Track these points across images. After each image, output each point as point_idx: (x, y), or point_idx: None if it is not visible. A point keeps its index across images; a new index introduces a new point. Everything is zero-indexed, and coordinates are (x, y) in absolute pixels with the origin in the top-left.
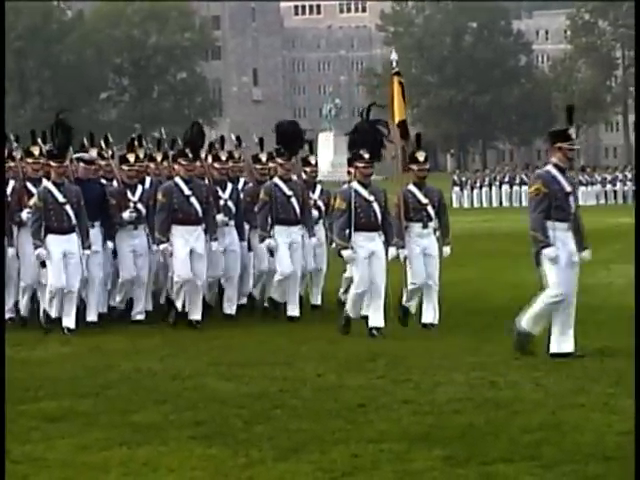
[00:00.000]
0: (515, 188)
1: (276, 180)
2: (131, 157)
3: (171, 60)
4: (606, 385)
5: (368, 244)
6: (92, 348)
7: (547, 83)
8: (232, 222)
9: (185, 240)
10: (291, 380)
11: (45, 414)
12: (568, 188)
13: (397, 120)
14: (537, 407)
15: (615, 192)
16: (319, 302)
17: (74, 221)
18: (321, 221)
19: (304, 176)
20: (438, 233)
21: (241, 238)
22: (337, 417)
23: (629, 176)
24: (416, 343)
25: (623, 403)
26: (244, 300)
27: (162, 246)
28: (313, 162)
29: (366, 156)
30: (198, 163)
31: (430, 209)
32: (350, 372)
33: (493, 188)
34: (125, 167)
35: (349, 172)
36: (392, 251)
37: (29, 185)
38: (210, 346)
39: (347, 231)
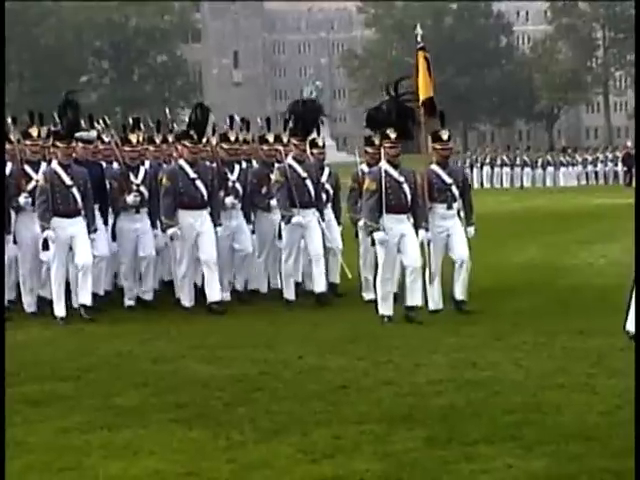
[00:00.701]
0: (496, 169)
1: (290, 161)
2: (133, 138)
3: (151, 43)
4: (587, 365)
5: (398, 226)
6: (73, 331)
7: (528, 64)
8: (239, 205)
9: (191, 224)
10: (272, 362)
11: (26, 398)
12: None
13: (422, 97)
14: (518, 388)
15: (596, 173)
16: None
17: (80, 204)
18: (329, 204)
19: (311, 159)
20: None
21: (247, 221)
22: (318, 399)
23: (610, 157)
24: (397, 325)
25: (604, 383)
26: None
27: (170, 231)
28: (321, 144)
29: (392, 136)
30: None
31: (454, 189)
32: (331, 354)
33: (474, 169)
34: (127, 148)
35: (366, 152)
36: (422, 233)
37: (27, 168)
38: (191, 329)
39: (377, 213)
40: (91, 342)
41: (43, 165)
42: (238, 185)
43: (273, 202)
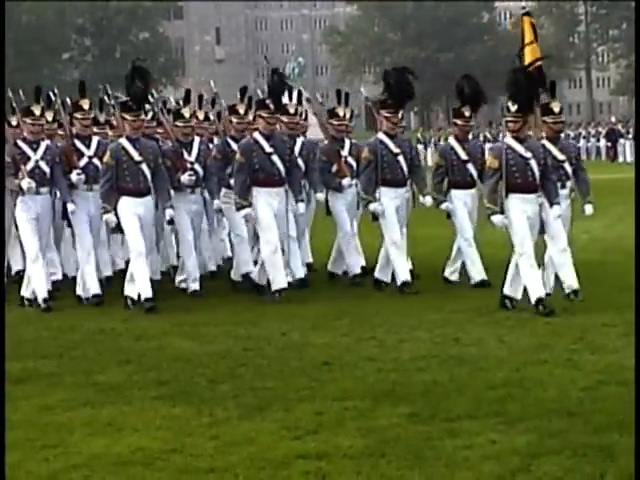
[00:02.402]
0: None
1: (381, 136)
2: (186, 112)
3: (133, 20)
4: (569, 341)
5: (525, 206)
6: (55, 309)
7: (510, 40)
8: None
9: (268, 203)
10: (255, 339)
11: (9, 375)
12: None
13: (527, 61)
14: (501, 363)
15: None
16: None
17: (150, 182)
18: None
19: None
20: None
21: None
22: (301, 375)
23: (592, 132)
24: (380, 301)
25: (586, 359)
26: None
27: (243, 212)
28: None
29: (513, 108)
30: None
31: (567, 166)
32: (314, 330)
33: None
34: (180, 123)
35: (455, 124)
36: (556, 210)
37: (78, 143)
38: (174, 305)
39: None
40: (74, 319)
41: (121, 139)
42: (300, 160)
43: (345, 182)
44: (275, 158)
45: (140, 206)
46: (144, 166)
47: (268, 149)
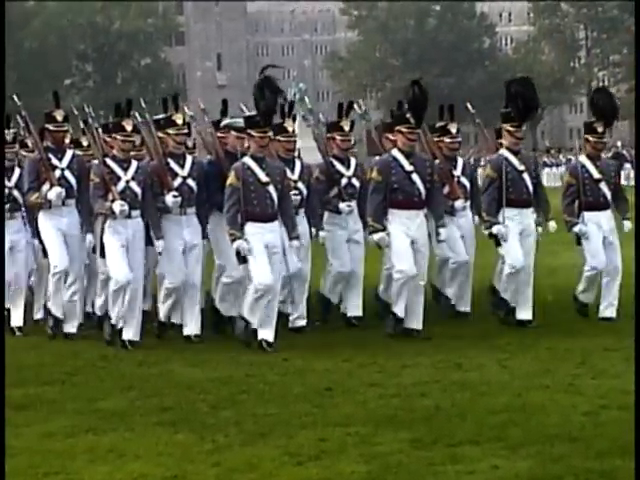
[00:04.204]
0: (480, 170)
1: (505, 153)
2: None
3: (135, 46)
4: (571, 366)
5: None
6: (58, 335)
7: (511, 65)
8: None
9: (406, 228)
10: (257, 365)
11: (11, 402)
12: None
13: None
14: (503, 389)
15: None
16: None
17: (276, 206)
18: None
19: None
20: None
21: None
22: (303, 401)
23: None
24: (381, 326)
25: (588, 383)
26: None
27: (377, 236)
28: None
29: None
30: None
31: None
32: (316, 356)
33: None
34: (282, 138)
35: (587, 140)
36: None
37: (171, 162)
38: (175, 332)
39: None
40: (76, 346)
41: (245, 157)
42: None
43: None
44: (415, 177)
45: (267, 232)
46: (271, 188)
47: (408, 167)
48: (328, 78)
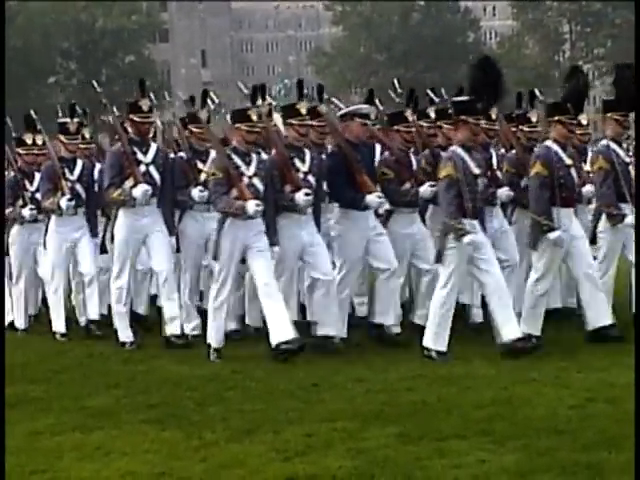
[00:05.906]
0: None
1: (612, 144)
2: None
3: (119, 43)
4: (557, 359)
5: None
6: (43, 333)
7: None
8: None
9: (567, 226)
10: (243, 361)
11: None
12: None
13: None
14: (489, 383)
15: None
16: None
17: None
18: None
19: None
20: None
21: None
22: (290, 397)
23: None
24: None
25: (574, 377)
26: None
27: (554, 235)
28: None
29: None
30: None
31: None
32: (303, 352)
33: None
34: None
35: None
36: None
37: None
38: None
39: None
40: (62, 344)
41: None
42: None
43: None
44: (573, 171)
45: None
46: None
47: (568, 161)
48: (313, 74)
